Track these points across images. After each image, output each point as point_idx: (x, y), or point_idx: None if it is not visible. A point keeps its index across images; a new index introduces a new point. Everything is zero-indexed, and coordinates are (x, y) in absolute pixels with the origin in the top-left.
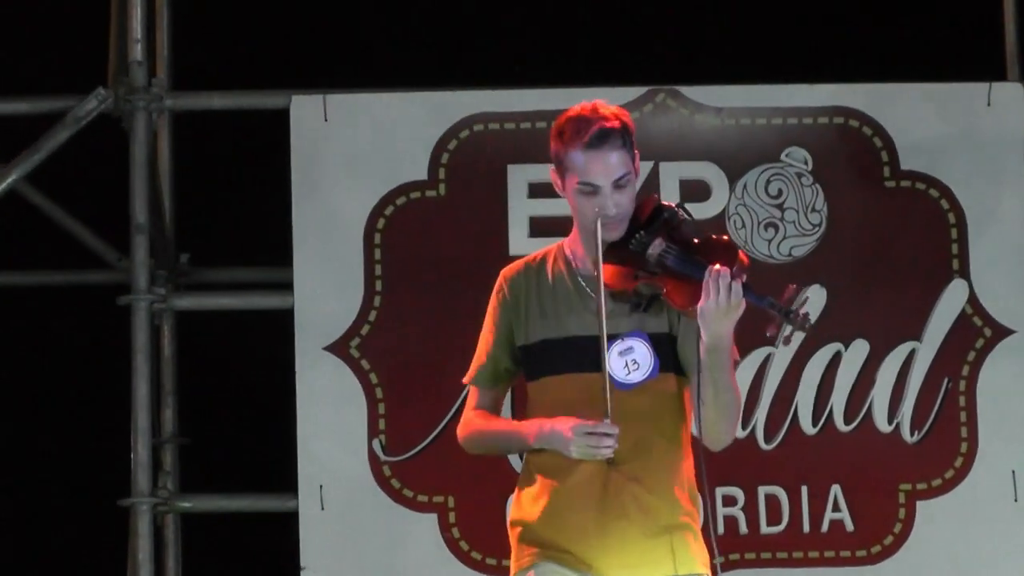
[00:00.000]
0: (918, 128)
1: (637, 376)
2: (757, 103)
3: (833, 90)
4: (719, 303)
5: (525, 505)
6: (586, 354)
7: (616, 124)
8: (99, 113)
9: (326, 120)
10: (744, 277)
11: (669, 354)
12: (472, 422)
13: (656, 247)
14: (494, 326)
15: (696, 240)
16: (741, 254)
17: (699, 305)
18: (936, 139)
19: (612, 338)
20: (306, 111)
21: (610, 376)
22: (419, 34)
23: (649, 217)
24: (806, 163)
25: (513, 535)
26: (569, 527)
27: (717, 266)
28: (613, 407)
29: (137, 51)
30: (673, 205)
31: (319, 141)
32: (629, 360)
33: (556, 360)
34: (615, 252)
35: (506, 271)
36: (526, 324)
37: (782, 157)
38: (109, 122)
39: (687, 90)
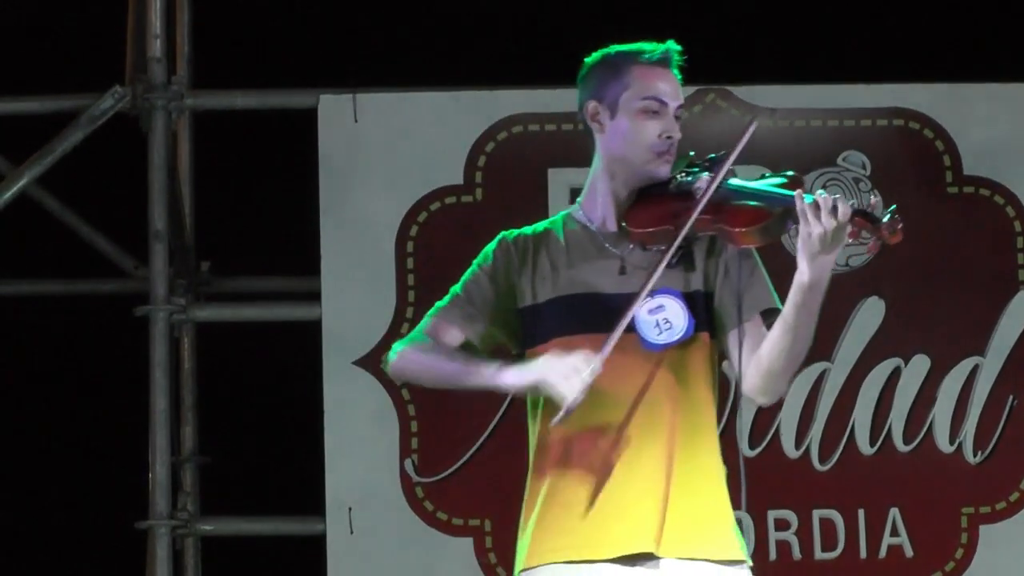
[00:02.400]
0: (982, 131)
1: (669, 336)
2: (813, 104)
3: (893, 90)
4: (827, 226)
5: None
6: (607, 313)
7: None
8: (115, 112)
9: (356, 120)
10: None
11: (703, 312)
12: (421, 344)
13: (705, 181)
14: (482, 274)
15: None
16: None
17: (801, 235)
18: (1001, 142)
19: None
20: (335, 111)
21: (640, 337)
22: (454, 30)
23: (688, 166)
24: (864, 167)
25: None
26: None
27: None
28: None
29: (156, 47)
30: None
31: (349, 143)
32: (660, 319)
33: (571, 320)
34: (647, 196)
35: (507, 233)
36: (532, 284)
37: (839, 161)
38: (126, 122)
39: (739, 90)
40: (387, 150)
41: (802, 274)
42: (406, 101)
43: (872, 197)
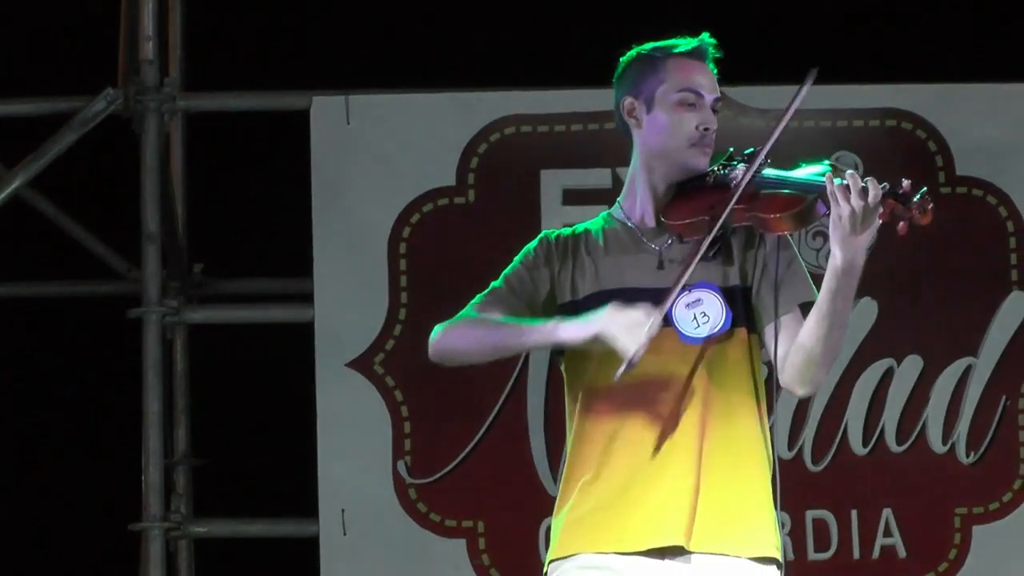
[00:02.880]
0: (975, 131)
1: (707, 330)
2: (805, 105)
3: (885, 91)
4: (856, 208)
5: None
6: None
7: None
8: (108, 115)
9: (349, 122)
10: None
11: (741, 307)
12: (469, 319)
13: (741, 171)
14: (523, 269)
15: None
16: None
17: (832, 218)
18: (994, 143)
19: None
20: (327, 113)
21: (677, 330)
22: (447, 31)
23: (726, 160)
24: (857, 168)
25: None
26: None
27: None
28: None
29: (148, 49)
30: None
31: (341, 144)
32: (698, 312)
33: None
34: (685, 190)
35: (549, 232)
36: (572, 281)
37: (831, 161)
38: (119, 124)
39: (731, 91)
40: (379, 152)
41: (835, 258)
42: (399, 103)
43: (905, 180)
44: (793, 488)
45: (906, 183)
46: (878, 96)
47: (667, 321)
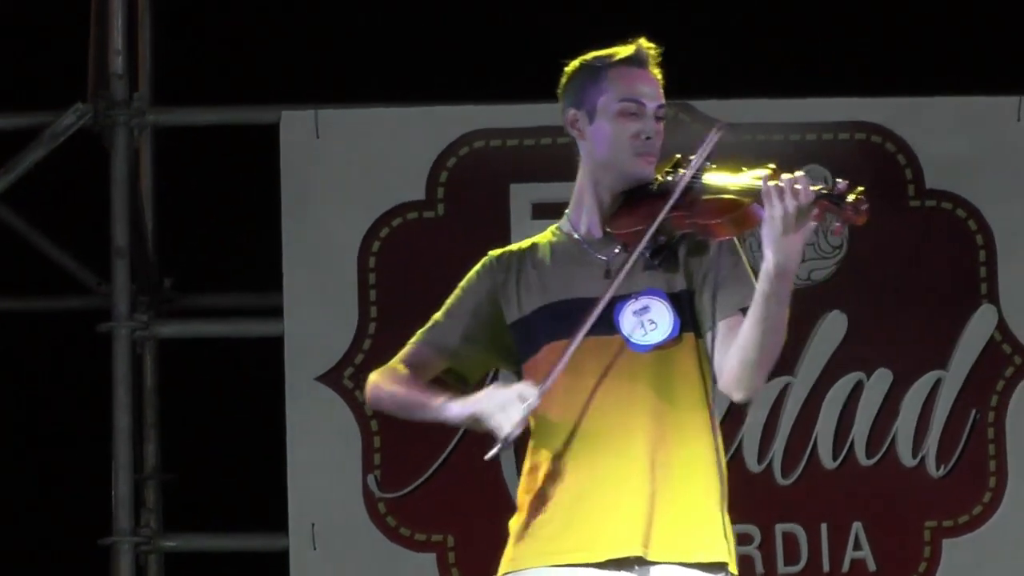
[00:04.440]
0: (944, 144)
1: (655, 337)
2: (773, 118)
3: (854, 104)
4: (789, 208)
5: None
6: (597, 316)
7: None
8: (77, 129)
9: (318, 136)
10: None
11: (688, 312)
12: (396, 373)
13: (682, 177)
14: (467, 297)
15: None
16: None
17: (765, 218)
18: (963, 156)
19: (624, 297)
20: (296, 127)
21: (625, 339)
22: (416, 46)
23: (672, 167)
24: (826, 182)
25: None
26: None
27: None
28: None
29: (118, 63)
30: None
31: (310, 159)
32: (645, 320)
33: (559, 325)
34: (631, 200)
35: (494, 253)
36: (518, 297)
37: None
38: (88, 139)
39: (700, 104)
40: (349, 166)
41: (767, 261)
42: (368, 117)
43: (839, 181)
44: (763, 502)
45: (841, 183)
46: (847, 109)
47: (615, 329)
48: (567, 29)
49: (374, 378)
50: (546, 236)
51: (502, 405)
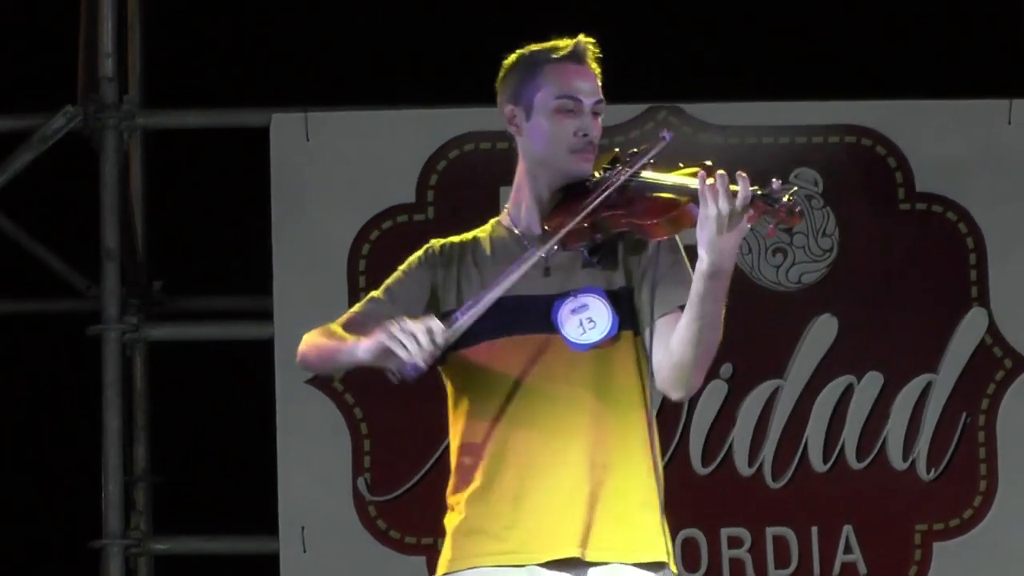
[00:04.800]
0: (935, 147)
1: (594, 335)
2: (764, 121)
3: (845, 107)
4: (723, 209)
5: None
6: (535, 314)
7: (595, 46)
8: (67, 132)
9: (308, 139)
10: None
11: (627, 310)
12: (327, 329)
13: (619, 174)
14: (405, 278)
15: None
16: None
17: (699, 218)
18: (954, 159)
19: (563, 295)
20: (287, 130)
21: (564, 337)
22: (406, 49)
23: (609, 163)
24: (816, 184)
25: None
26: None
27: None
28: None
29: (107, 66)
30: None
31: (301, 161)
32: (584, 318)
33: (496, 323)
34: (569, 196)
35: (436, 241)
36: (458, 288)
37: (791, 178)
38: (78, 141)
39: (690, 108)
40: (339, 169)
41: (702, 261)
42: (358, 119)
43: (775, 181)
44: (753, 505)
45: (775, 183)
46: (838, 112)
47: (553, 328)
48: (558, 33)
49: (306, 336)
50: (487, 230)
51: (411, 333)
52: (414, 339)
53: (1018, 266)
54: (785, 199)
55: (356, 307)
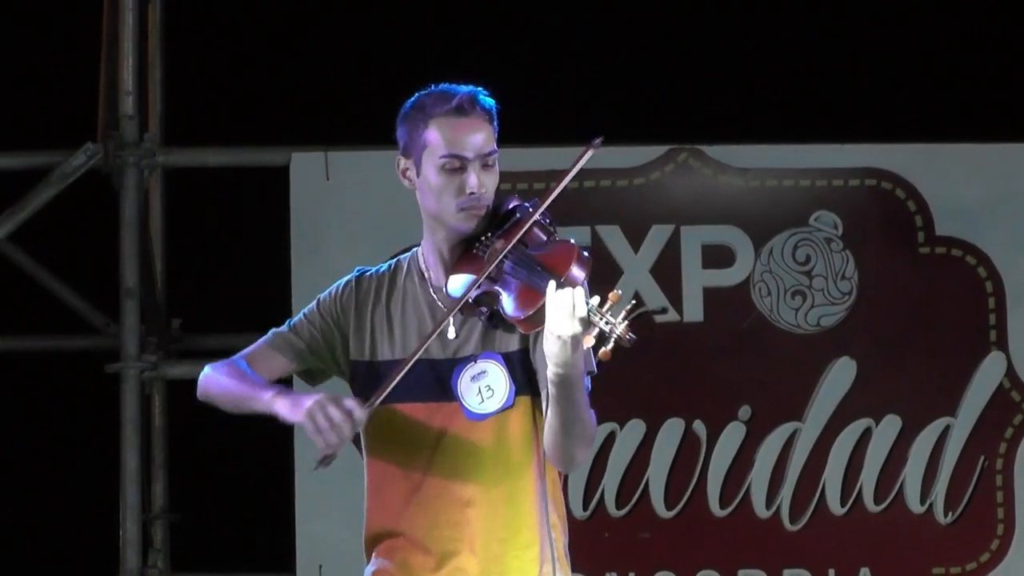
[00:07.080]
0: (955, 191)
1: (492, 405)
2: (784, 164)
3: (865, 151)
4: (565, 334)
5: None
6: (439, 380)
7: (484, 95)
8: (88, 169)
9: (328, 178)
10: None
11: (522, 374)
12: (232, 365)
13: (495, 252)
14: (318, 315)
15: (545, 239)
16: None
17: (544, 331)
18: (974, 203)
19: (463, 361)
20: (307, 168)
21: (463, 407)
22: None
23: (503, 217)
24: (836, 227)
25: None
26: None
27: (555, 285)
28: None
29: (128, 104)
30: (527, 204)
31: (320, 200)
32: (483, 386)
33: (403, 387)
34: (465, 257)
35: (360, 275)
36: (372, 338)
37: (810, 221)
38: (98, 179)
39: (710, 150)
40: (358, 207)
41: (549, 369)
42: (377, 159)
43: (618, 290)
44: (771, 546)
45: (613, 294)
46: (858, 155)
47: (453, 396)
48: (579, 72)
49: (208, 370)
50: (403, 266)
51: (331, 421)
52: (335, 432)
53: None
54: (622, 324)
55: (262, 341)
